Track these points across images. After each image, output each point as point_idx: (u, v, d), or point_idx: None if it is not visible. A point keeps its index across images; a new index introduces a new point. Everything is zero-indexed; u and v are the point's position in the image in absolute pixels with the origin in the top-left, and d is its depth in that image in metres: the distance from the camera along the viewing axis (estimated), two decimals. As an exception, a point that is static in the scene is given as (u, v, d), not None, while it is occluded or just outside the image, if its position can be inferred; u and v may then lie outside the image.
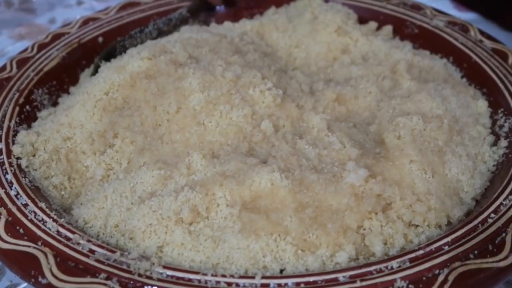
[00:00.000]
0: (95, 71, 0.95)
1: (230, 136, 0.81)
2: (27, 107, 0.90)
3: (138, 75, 0.88)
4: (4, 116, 0.85)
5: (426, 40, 1.07)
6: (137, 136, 0.82)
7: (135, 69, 0.88)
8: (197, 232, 0.69)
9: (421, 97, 0.86)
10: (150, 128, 0.83)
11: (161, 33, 1.09)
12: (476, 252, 0.64)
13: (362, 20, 1.13)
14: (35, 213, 0.70)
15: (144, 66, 0.89)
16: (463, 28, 1.05)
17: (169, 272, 0.63)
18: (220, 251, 0.67)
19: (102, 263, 0.63)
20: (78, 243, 0.66)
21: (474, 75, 0.97)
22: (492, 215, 0.69)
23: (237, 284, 0.61)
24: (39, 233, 0.67)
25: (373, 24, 1.12)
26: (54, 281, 0.61)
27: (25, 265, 0.63)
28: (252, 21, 1.13)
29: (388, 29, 1.11)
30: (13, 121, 0.85)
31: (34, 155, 0.82)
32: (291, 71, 1.01)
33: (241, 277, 0.62)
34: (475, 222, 0.68)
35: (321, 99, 0.89)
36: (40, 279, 0.61)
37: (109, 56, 1.00)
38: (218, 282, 0.61)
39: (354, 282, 0.61)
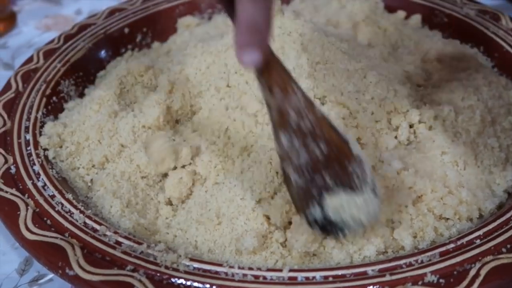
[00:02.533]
0: None
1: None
2: (54, 98, 0.90)
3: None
4: (31, 107, 0.85)
5: (456, 29, 1.05)
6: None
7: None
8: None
9: (452, 87, 0.84)
10: None
11: None
12: (509, 246, 0.62)
13: (390, 9, 1.11)
14: (62, 205, 0.70)
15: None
16: (495, 16, 1.03)
17: (196, 265, 0.62)
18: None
19: (129, 255, 0.63)
20: (105, 235, 0.66)
21: (506, 65, 0.95)
22: (526, 207, 0.67)
23: (265, 277, 0.61)
24: (66, 224, 0.67)
25: (401, 13, 1.10)
26: (81, 273, 0.60)
27: (53, 256, 0.63)
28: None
29: (416, 18, 1.09)
30: (40, 112, 0.85)
31: (61, 146, 0.82)
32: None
33: (268, 270, 0.61)
34: (508, 215, 0.66)
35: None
36: (67, 270, 0.61)
37: None
38: (245, 275, 0.61)
39: (384, 275, 0.59)
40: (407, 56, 0.96)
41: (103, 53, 1.03)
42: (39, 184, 0.73)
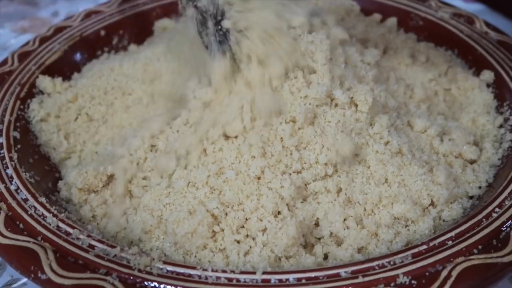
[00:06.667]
0: None
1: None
2: (29, 101, 0.89)
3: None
4: (5, 110, 0.85)
5: (431, 32, 1.06)
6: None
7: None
8: None
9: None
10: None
11: None
12: (480, 247, 0.63)
13: (366, 12, 1.11)
14: (35, 208, 0.69)
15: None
16: (469, 20, 1.04)
17: (170, 268, 0.62)
18: None
19: (102, 258, 0.63)
20: (78, 238, 0.65)
21: (480, 68, 0.96)
22: (497, 209, 0.68)
23: (238, 280, 0.61)
24: (39, 228, 0.66)
25: (377, 16, 1.11)
26: (53, 277, 0.60)
27: (25, 260, 0.62)
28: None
29: (392, 21, 1.10)
30: (14, 115, 0.84)
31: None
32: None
33: (242, 272, 0.62)
34: (479, 216, 0.67)
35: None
36: (39, 274, 0.60)
37: None
38: (218, 277, 0.61)
39: (356, 277, 0.60)
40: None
41: (78, 55, 1.02)
42: (12, 187, 0.72)
